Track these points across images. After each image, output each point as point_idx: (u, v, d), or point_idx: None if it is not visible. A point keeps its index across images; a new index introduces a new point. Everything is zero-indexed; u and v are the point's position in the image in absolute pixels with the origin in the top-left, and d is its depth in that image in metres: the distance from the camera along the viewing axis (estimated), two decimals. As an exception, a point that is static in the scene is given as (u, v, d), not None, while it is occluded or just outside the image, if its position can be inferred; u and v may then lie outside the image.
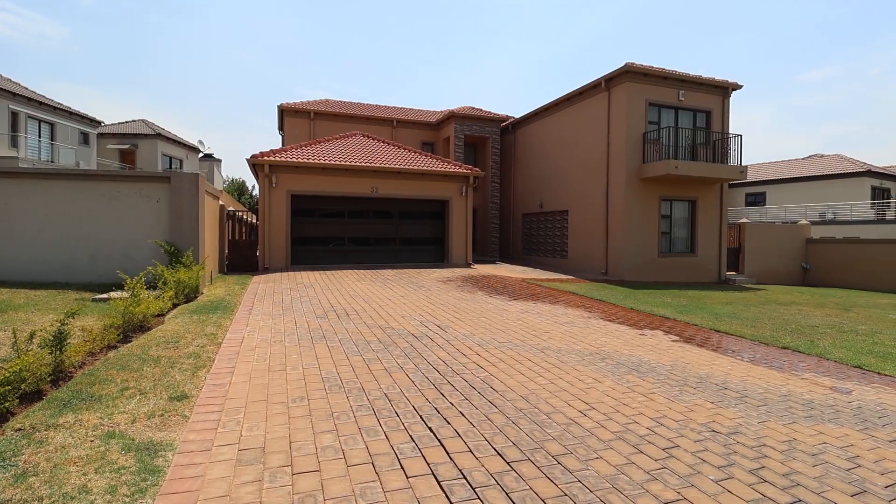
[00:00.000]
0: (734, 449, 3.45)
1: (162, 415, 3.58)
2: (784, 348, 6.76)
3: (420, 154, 17.21)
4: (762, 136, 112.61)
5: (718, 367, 5.62)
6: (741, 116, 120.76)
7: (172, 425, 3.42)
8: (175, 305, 7.75)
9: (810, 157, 32.90)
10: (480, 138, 22.10)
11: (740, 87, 16.35)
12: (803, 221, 20.17)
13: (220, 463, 2.91)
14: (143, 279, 6.39)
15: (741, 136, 15.99)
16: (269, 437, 3.27)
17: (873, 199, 26.66)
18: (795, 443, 3.60)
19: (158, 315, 6.82)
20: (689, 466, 3.15)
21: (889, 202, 26.24)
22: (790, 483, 3.00)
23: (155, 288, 8.17)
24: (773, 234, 18.79)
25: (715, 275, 16.52)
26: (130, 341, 5.52)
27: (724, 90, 16.39)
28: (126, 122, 29.55)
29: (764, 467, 3.19)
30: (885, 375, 5.56)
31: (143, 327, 6.09)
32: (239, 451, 3.07)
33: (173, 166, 28.88)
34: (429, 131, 23.18)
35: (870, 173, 26.65)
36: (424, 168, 15.59)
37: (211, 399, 3.92)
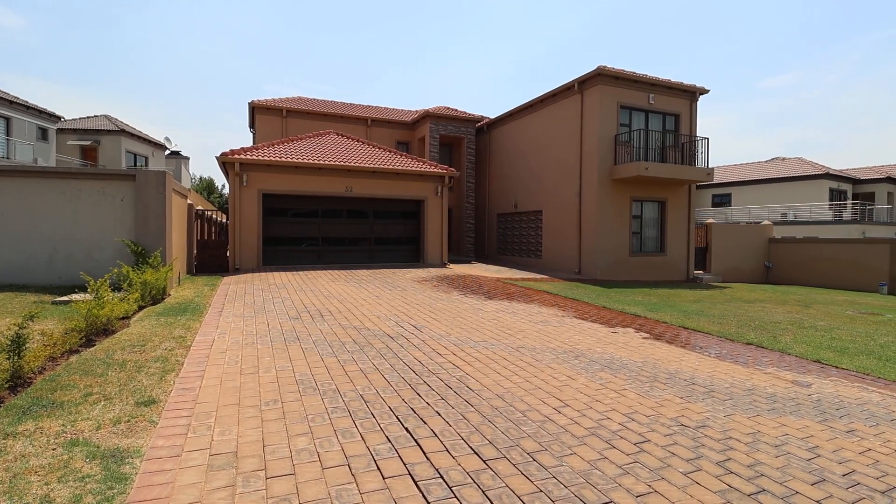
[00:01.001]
0: (702, 442, 3.55)
1: (128, 421, 3.46)
2: (748, 344, 7.01)
3: (395, 153, 17.14)
4: (727, 139, 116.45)
5: (687, 363, 5.79)
6: (707, 120, 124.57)
7: (140, 431, 3.31)
8: (141, 308, 7.51)
9: (772, 159, 34.19)
10: (456, 138, 22.16)
11: (707, 91, 16.86)
12: (766, 222, 20.96)
13: (190, 469, 2.84)
14: (107, 280, 6.17)
15: (708, 138, 16.51)
16: (241, 442, 3.21)
17: (831, 200, 27.89)
18: (759, 435, 3.74)
19: (123, 318, 6.60)
20: (660, 460, 3.23)
21: (845, 203, 27.51)
22: (755, 474, 3.11)
23: (119, 289, 7.90)
24: (739, 233, 19.46)
25: (683, 273, 17.00)
26: (94, 345, 5.32)
27: (691, 94, 16.87)
28: (87, 117, 28.45)
29: (730, 459, 3.30)
30: (843, 369, 5.82)
31: (107, 331, 5.87)
32: (210, 456, 3.00)
33: (138, 164, 27.96)
34: (403, 131, 23.11)
35: (828, 176, 27.88)
36: (399, 168, 15.53)
37: (180, 404, 3.82)
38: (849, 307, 11.51)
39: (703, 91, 16.82)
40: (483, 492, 2.73)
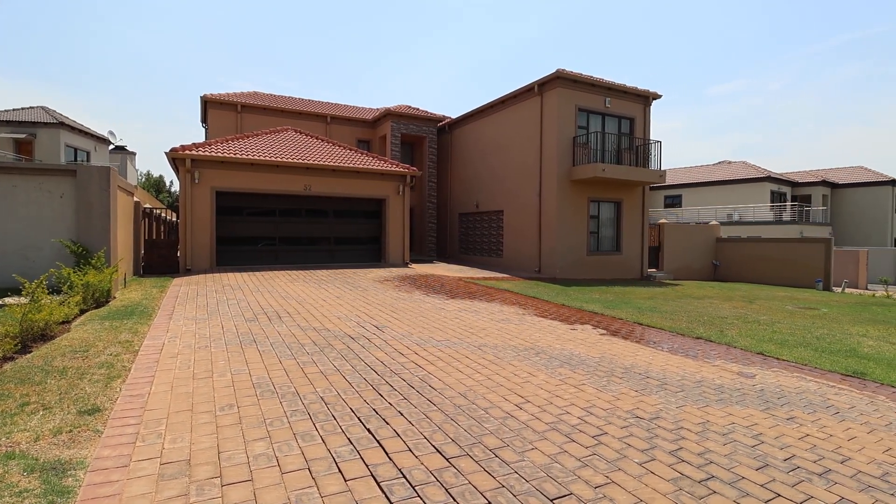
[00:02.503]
0: (656, 433, 3.69)
1: (70, 431, 3.26)
2: (698, 338, 7.34)
3: (356, 151, 16.91)
4: (678, 143, 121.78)
5: (641, 357, 5.99)
6: (660, 124, 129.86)
7: (83, 441, 3.12)
8: (83, 311, 7.09)
9: (719, 163, 35.97)
10: (417, 137, 22.10)
11: (660, 96, 17.52)
12: (714, 222, 22.00)
13: (139, 479, 2.70)
14: (44, 282, 5.79)
15: (661, 142, 17.17)
16: (195, 449, 3.07)
17: (772, 202, 29.61)
18: (708, 424, 3.92)
19: (63, 322, 6.21)
20: (617, 452, 3.33)
21: (785, 205, 29.27)
22: (704, 461, 3.26)
23: (59, 292, 7.43)
24: (689, 233, 20.34)
25: (638, 272, 17.60)
26: (30, 352, 4.98)
27: (645, 99, 17.49)
28: (22, 108, 26.59)
29: (682, 448, 3.44)
30: (783, 360, 6.19)
31: (45, 336, 5.52)
32: (161, 465, 2.86)
33: (79, 159, 26.36)
34: (364, 129, 22.84)
35: (769, 179, 29.58)
36: (360, 166, 15.34)
37: (127, 411, 3.63)
38: (788, 302, 12.24)
39: (656, 96, 17.47)
40: (446, 490, 2.73)
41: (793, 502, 2.81)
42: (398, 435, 3.42)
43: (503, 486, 2.80)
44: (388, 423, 3.61)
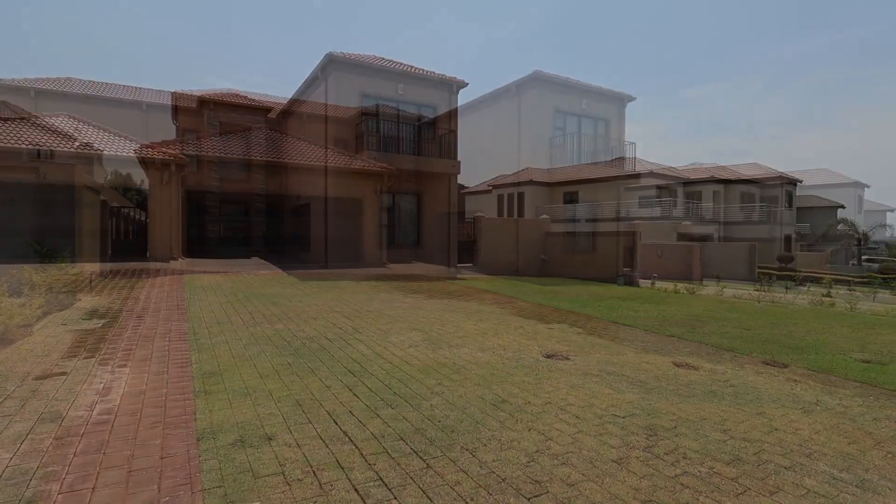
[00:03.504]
0: (630, 430, 3.74)
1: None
2: (671, 336, 7.49)
3: (332, 151, 16.73)
4: (656, 144, 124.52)
5: (618, 354, 6.07)
6: (637, 126, 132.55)
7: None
8: (46, 314, 6.81)
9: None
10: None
11: (634, 98, 17.88)
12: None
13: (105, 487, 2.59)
14: (4, 284, 5.54)
15: (635, 143, 17.52)
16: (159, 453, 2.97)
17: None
18: (680, 420, 3.99)
19: (25, 325, 5.95)
20: (593, 450, 3.36)
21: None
22: (678, 457, 3.31)
23: (20, 294, 7.13)
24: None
25: (613, 272, 17.84)
26: (-12, 356, 4.76)
27: (620, 101, 17.82)
28: (-19, 102, 25.43)
29: (655, 445, 3.49)
30: (752, 356, 6.36)
31: (4, 340, 5.28)
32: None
33: (42, 156, 25.41)
34: (342, 127, 22.57)
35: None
36: (337, 165, 15.18)
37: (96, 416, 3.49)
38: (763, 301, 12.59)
39: (630, 98, 17.81)
40: (423, 491, 2.71)
41: (762, 495, 2.88)
42: (375, 437, 3.38)
43: (482, 487, 2.79)
44: (364, 425, 3.57)
